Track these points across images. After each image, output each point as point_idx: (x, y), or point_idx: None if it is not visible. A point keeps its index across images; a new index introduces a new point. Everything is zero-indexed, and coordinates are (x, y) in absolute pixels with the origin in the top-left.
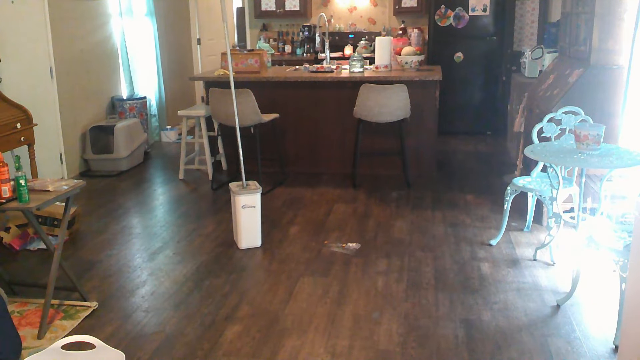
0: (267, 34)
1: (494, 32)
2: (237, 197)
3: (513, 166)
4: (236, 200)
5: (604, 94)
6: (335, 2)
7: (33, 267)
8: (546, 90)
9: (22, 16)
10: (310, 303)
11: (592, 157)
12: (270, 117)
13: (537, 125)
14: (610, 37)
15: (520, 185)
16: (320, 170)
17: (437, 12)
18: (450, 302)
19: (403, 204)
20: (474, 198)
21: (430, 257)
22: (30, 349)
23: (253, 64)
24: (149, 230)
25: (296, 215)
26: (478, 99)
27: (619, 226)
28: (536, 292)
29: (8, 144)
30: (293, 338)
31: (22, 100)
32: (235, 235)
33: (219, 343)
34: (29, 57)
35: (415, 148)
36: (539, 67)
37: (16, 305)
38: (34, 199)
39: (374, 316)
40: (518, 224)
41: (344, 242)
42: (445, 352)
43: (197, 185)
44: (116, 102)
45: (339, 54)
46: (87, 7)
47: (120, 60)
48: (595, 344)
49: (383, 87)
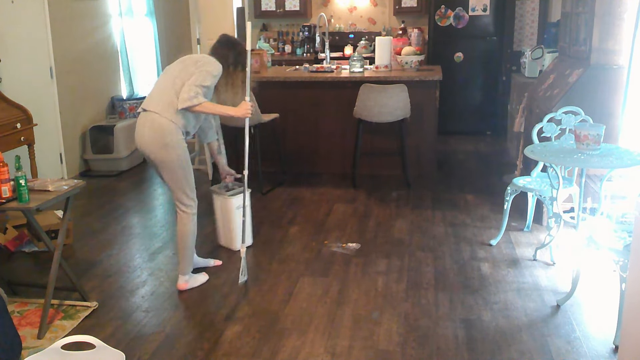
0: (267, 34)
1: (494, 32)
2: (230, 200)
3: (513, 166)
4: (228, 202)
5: (604, 94)
6: (335, 2)
7: (30, 267)
8: (546, 90)
9: (22, 16)
10: (310, 303)
11: (592, 157)
12: (270, 117)
13: (537, 125)
14: (610, 37)
15: (520, 185)
16: (320, 170)
17: (437, 12)
18: (450, 302)
19: (403, 204)
20: (474, 198)
21: (430, 257)
22: (30, 349)
23: (253, 64)
24: (149, 230)
25: (296, 215)
26: (478, 99)
27: (619, 226)
28: (536, 292)
29: (8, 144)
30: (293, 338)
31: (22, 100)
32: (222, 239)
33: (219, 343)
34: (29, 57)
35: (415, 148)
36: (539, 67)
37: (16, 305)
38: (34, 199)
39: (374, 316)
40: (518, 224)
41: (344, 242)
42: (445, 352)
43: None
44: (116, 102)
45: (339, 54)
46: (87, 7)
47: (120, 60)
48: (595, 344)
49: (383, 87)
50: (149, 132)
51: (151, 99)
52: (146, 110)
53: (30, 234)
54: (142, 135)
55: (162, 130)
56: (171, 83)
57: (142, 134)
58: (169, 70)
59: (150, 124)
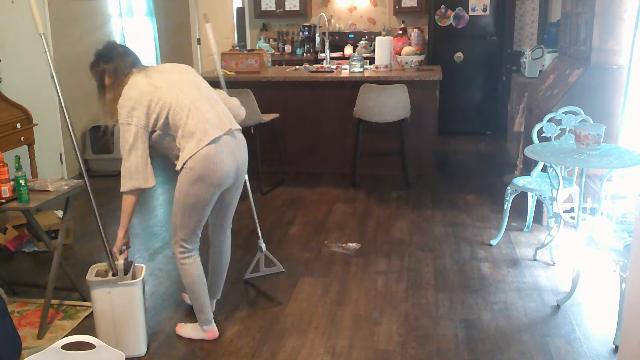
0: (267, 34)
1: (494, 32)
2: (113, 289)
3: (513, 166)
4: (113, 294)
5: (604, 94)
6: (335, 2)
7: (30, 267)
8: (546, 90)
9: (22, 16)
10: (310, 303)
11: (592, 157)
12: (270, 117)
13: (537, 125)
14: (610, 37)
15: (520, 185)
16: (320, 170)
17: (437, 12)
18: (450, 302)
19: (403, 204)
20: (474, 198)
21: (430, 257)
22: (30, 349)
23: (253, 64)
24: (149, 230)
25: (296, 215)
26: (478, 99)
27: (619, 226)
28: (536, 292)
29: (8, 144)
30: (293, 338)
31: (22, 100)
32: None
33: (219, 343)
34: (29, 57)
35: (415, 148)
36: (539, 67)
37: (16, 305)
38: (34, 199)
39: (374, 316)
40: (518, 224)
41: (344, 242)
42: (445, 352)
43: None
44: None
45: (339, 54)
46: (87, 7)
47: None
48: (595, 344)
49: (383, 87)
50: (244, 152)
51: (223, 116)
52: (232, 130)
53: (30, 234)
54: (242, 156)
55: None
56: (212, 94)
57: (242, 156)
58: (193, 81)
59: (244, 143)
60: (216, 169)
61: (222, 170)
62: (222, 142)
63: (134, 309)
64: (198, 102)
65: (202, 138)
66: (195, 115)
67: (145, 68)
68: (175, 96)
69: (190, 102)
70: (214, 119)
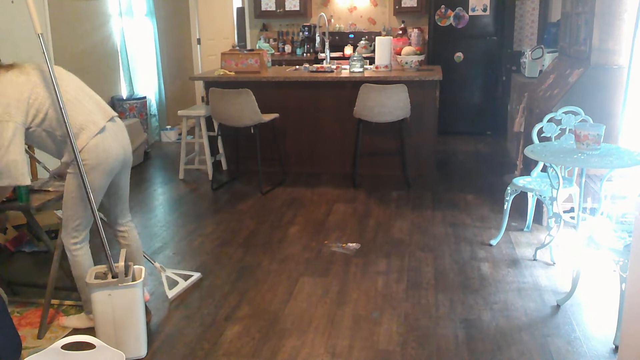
0: (267, 34)
1: (494, 32)
2: (114, 292)
3: (513, 166)
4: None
5: (604, 94)
6: (335, 2)
7: (30, 267)
8: (546, 90)
9: (22, 16)
10: (310, 303)
11: (592, 157)
12: (270, 117)
13: (537, 125)
14: (610, 37)
15: (520, 185)
16: (320, 170)
17: (437, 12)
18: (450, 302)
19: (403, 204)
20: (474, 198)
21: (430, 257)
22: (30, 349)
23: (253, 64)
24: (149, 230)
25: (296, 215)
26: (478, 99)
27: (619, 226)
28: (536, 292)
29: None
30: (293, 338)
31: None
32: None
33: (219, 343)
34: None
35: (415, 148)
36: (539, 67)
37: (16, 305)
38: (34, 199)
39: (374, 316)
40: (518, 224)
41: (344, 242)
42: (445, 352)
43: (197, 185)
44: (116, 101)
45: (339, 54)
46: (87, 7)
47: (120, 60)
48: (595, 344)
49: (383, 87)
50: (126, 133)
51: (103, 105)
52: (113, 117)
53: (30, 234)
54: (125, 138)
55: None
56: (85, 86)
57: (125, 139)
58: (67, 76)
59: (123, 126)
60: (107, 156)
61: (112, 156)
62: (107, 130)
63: (135, 311)
64: (79, 95)
65: (92, 129)
66: (80, 108)
67: (13, 65)
68: (55, 91)
69: (72, 97)
70: (96, 109)
